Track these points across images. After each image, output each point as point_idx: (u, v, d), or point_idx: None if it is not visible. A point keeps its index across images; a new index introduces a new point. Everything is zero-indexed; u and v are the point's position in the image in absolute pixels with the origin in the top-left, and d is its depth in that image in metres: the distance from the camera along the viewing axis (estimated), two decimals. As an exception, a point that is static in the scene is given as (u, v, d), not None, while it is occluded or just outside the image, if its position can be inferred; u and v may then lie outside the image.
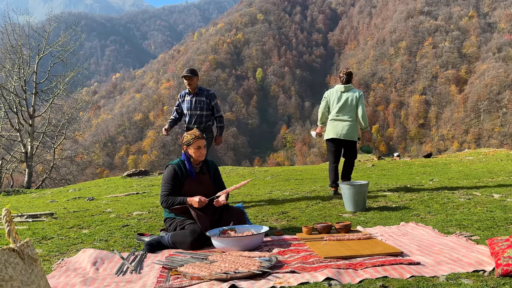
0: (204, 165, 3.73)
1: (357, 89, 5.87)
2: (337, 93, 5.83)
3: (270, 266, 2.55)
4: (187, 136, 3.61)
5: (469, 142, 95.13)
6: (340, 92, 5.82)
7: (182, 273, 2.53)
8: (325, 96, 5.96)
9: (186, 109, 5.48)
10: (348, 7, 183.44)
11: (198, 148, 3.55)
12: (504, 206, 4.52)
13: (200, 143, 3.56)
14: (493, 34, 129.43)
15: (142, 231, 4.14)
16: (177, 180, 3.55)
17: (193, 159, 3.60)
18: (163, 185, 3.56)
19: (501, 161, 12.20)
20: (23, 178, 18.90)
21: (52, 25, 20.24)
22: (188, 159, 3.59)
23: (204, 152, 3.59)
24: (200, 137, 3.57)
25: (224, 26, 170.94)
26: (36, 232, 4.30)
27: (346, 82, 5.85)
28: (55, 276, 2.71)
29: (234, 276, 2.40)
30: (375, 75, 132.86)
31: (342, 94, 5.80)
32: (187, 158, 3.59)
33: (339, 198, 5.55)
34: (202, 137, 3.61)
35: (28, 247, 1.73)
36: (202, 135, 3.63)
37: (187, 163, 3.58)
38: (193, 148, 3.55)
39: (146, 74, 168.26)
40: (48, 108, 19.60)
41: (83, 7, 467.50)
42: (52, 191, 11.17)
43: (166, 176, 3.56)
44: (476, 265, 2.47)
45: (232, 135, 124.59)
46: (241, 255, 2.89)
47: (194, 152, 3.56)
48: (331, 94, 5.89)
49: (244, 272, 2.44)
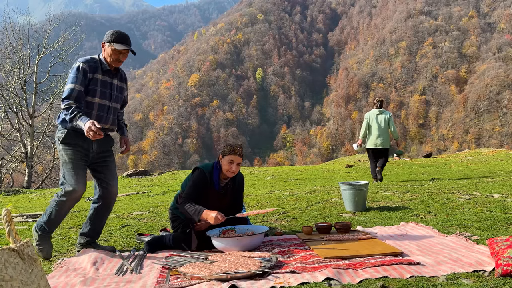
0: (231, 181, 3.52)
1: (387, 111, 8.17)
2: (374, 115, 8.11)
3: (270, 266, 2.55)
4: (227, 146, 3.41)
5: (469, 142, 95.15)
6: (376, 115, 8.10)
7: (182, 273, 2.53)
8: (366, 117, 8.23)
9: (98, 96, 3.20)
10: (348, 7, 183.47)
11: (231, 163, 3.32)
12: (504, 206, 4.52)
13: (235, 158, 3.33)
14: (493, 34, 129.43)
15: (142, 231, 4.14)
16: (204, 188, 3.39)
17: (222, 172, 3.40)
18: (190, 187, 3.38)
19: (501, 161, 12.21)
20: (23, 178, 18.90)
21: (52, 25, 20.22)
22: (218, 170, 3.42)
23: (234, 170, 3.34)
24: (238, 154, 3.35)
25: (224, 26, 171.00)
26: (36, 232, 4.29)
27: (379, 107, 8.19)
28: (55, 276, 2.71)
29: (234, 276, 2.40)
30: (375, 75, 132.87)
31: (378, 116, 8.08)
32: (217, 168, 3.42)
33: (379, 184, 7.47)
34: (241, 154, 3.39)
35: (28, 247, 1.74)
36: (242, 153, 3.39)
37: (214, 173, 3.41)
38: (225, 161, 3.34)
39: (146, 74, 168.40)
40: (48, 108, 19.59)
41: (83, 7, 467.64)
42: (52, 191, 11.17)
43: (197, 180, 3.38)
44: (476, 265, 2.46)
45: (232, 135, 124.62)
46: (241, 255, 2.89)
47: (225, 165, 3.34)
48: (370, 115, 8.19)
49: (244, 272, 2.44)
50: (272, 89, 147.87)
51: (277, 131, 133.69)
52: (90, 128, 2.81)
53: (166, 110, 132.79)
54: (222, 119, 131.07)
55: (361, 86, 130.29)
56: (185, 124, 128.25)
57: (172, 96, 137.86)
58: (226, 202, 3.51)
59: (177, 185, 10.02)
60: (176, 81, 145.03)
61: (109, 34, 3.17)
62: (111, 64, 3.19)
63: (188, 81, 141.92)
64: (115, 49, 3.11)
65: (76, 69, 3.08)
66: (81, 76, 3.07)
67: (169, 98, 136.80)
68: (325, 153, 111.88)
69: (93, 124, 2.82)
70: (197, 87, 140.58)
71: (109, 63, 3.19)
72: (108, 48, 3.14)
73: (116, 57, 3.15)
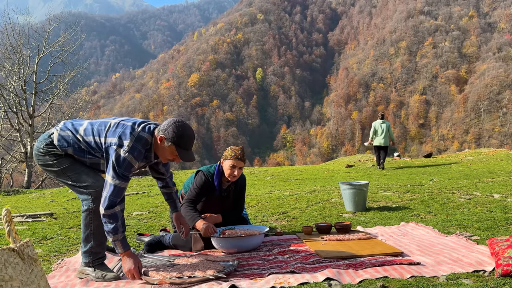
0: (233, 183, 3.51)
1: (387, 121, 12.35)
2: (379, 124, 12.23)
3: (226, 272, 2.51)
4: (230, 150, 3.39)
5: (469, 142, 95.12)
6: (380, 123, 12.22)
7: (145, 279, 2.50)
8: (373, 125, 12.31)
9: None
10: (348, 7, 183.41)
11: (232, 167, 3.31)
12: (504, 206, 4.51)
13: (237, 163, 3.31)
14: (493, 34, 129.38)
15: (142, 231, 4.14)
16: (207, 191, 3.40)
17: (224, 176, 3.40)
18: (192, 190, 3.38)
19: (501, 161, 12.21)
20: (23, 178, 18.90)
21: (52, 25, 20.21)
22: (220, 174, 3.41)
23: (236, 174, 3.33)
24: (240, 158, 3.33)
25: (224, 26, 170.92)
26: (36, 232, 4.30)
27: (382, 118, 12.34)
28: (55, 276, 2.71)
29: (187, 281, 2.39)
30: (375, 75, 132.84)
31: (381, 124, 12.19)
32: (219, 172, 3.40)
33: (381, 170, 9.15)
34: (243, 159, 3.36)
35: (28, 247, 1.73)
36: (244, 157, 3.38)
37: (216, 178, 3.39)
38: (227, 165, 3.33)
39: (146, 74, 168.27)
40: (48, 108, 19.59)
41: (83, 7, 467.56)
42: (52, 191, 11.17)
43: (199, 184, 3.37)
44: (476, 265, 2.46)
45: (232, 135, 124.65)
46: (207, 258, 2.84)
47: (227, 169, 3.33)
48: (376, 124, 12.26)
49: (199, 277, 2.42)
50: (272, 89, 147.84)
51: (277, 131, 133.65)
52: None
53: (166, 110, 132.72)
54: (222, 119, 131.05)
55: (361, 86, 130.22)
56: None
57: (172, 96, 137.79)
58: (228, 204, 3.52)
59: (177, 185, 10.03)
60: (176, 81, 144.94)
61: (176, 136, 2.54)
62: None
63: (188, 81, 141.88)
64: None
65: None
66: None
67: (169, 98, 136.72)
68: (325, 153, 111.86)
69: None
70: (197, 87, 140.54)
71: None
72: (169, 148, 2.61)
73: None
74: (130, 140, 2.52)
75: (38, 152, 2.68)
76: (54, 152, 2.65)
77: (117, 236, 2.48)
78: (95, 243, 2.63)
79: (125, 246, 2.52)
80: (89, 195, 2.61)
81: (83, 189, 2.62)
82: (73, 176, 2.64)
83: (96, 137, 2.60)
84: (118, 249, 2.51)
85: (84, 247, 2.64)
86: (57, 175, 2.68)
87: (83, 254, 2.64)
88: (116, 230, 2.48)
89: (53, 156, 2.65)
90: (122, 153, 2.49)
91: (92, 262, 2.62)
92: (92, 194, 2.60)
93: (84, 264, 2.63)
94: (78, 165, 2.68)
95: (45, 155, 2.66)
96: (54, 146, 2.66)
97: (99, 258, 2.65)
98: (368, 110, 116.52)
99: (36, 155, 2.70)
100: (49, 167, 2.67)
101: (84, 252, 2.64)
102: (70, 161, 2.67)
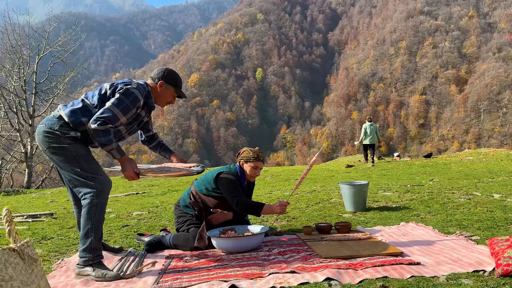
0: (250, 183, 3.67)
1: (375, 124, 14.52)
2: (368, 125, 14.36)
3: (200, 171, 2.87)
4: (249, 152, 3.48)
5: (469, 142, 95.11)
6: (369, 125, 14.35)
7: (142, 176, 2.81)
8: (364, 127, 14.46)
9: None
10: (348, 7, 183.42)
11: (255, 169, 3.45)
12: (504, 206, 4.51)
13: (259, 164, 3.46)
14: (493, 34, 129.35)
15: (142, 231, 4.14)
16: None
17: (245, 176, 3.50)
18: (233, 189, 3.33)
19: (501, 161, 12.21)
20: (23, 178, 18.90)
21: (52, 25, 20.21)
22: (242, 174, 3.49)
23: (258, 175, 3.51)
24: (261, 160, 3.48)
25: (224, 26, 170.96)
26: (36, 232, 4.30)
27: (370, 121, 14.48)
28: (55, 276, 2.71)
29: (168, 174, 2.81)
30: (375, 75, 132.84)
31: (370, 127, 14.31)
32: (242, 174, 3.49)
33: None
34: (263, 160, 3.51)
35: (28, 247, 1.73)
36: (263, 158, 3.53)
37: (241, 178, 3.47)
38: (249, 167, 3.44)
39: (146, 74, 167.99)
40: (48, 108, 19.59)
41: (83, 7, 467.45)
42: (52, 191, 11.17)
43: (234, 181, 3.36)
44: (476, 265, 2.46)
45: (232, 135, 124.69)
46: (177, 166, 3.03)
47: (250, 171, 3.45)
48: (366, 126, 14.36)
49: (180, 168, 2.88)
50: (272, 89, 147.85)
51: (277, 131, 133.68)
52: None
53: (166, 110, 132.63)
54: (222, 119, 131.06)
55: (361, 86, 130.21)
56: (185, 124, 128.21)
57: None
58: None
59: (177, 185, 10.03)
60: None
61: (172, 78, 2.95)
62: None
63: (188, 81, 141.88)
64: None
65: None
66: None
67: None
68: (325, 153, 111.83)
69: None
70: (197, 87, 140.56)
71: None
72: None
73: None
74: (133, 83, 2.79)
75: (52, 134, 2.62)
76: (70, 135, 2.63)
77: (112, 145, 2.62)
78: (95, 238, 2.60)
79: (121, 152, 2.68)
80: (94, 188, 2.59)
81: (90, 180, 2.60)
82: (85, 165, 2.63)
83: (98, 91, 2.76)
84: (116, 156, 2.64)
85: (83, 244, 2.61)
86: (66, 160, 2.61)
87: (82, 252, 2.60)
88: (111, 141, 2.61)
89: (69, 139, 2.62)
90: (130, 87, 2.70)
91: (92, 259, 2.60)
92: (97, 188, 2.59)
93: (82, 264, 2.60)
94: (91, 156, 2.70)
95: (60, 137, 2.61)
96: (69, 127, 2.65)
97: (98, 255, 2.63)
98: (368, 110, 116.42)
99: (46, 137, 2.62)
100: (60, 150, 2.60)
101: (83, 250, 2.60)
102: (86, 150, 2.68)
